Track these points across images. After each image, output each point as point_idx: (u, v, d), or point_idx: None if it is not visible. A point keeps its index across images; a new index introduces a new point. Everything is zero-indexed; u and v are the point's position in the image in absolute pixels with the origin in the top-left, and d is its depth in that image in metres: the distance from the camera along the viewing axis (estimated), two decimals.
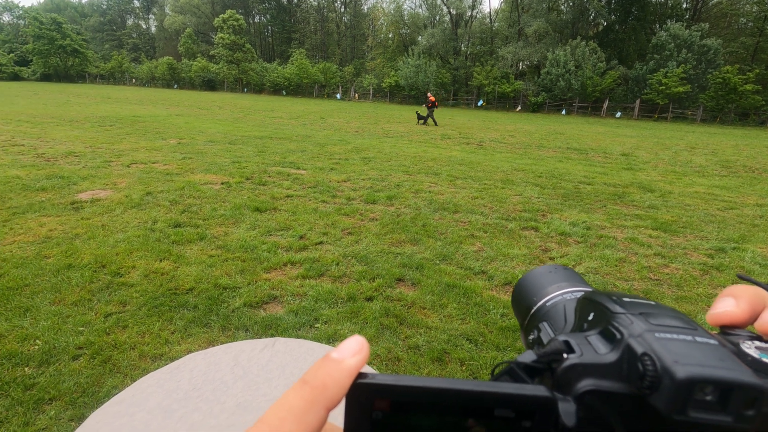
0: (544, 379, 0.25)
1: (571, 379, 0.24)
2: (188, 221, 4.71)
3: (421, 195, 6.29)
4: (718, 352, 0.22)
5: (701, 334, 0.23)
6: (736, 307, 0.26)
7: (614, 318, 0.26)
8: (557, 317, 0.35)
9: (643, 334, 0.23)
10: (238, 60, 50.45)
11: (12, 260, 3.57)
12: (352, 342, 0.23)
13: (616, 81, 36.89)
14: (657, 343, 0.22)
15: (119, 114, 16.63)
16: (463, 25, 47.29)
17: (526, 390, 0.22)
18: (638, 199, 6.70)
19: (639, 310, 0.26)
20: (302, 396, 0.21)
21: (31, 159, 7.61)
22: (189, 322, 2.81)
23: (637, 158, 11.28)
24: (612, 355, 0.24)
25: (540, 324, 0.36)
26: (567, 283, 0.39)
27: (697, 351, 0.22)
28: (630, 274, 3.93)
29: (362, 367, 0.22)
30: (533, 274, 0.42)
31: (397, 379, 0.22)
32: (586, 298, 0.31)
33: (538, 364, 0.26)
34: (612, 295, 0.29)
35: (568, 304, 0.36)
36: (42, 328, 2.67)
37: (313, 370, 0.22)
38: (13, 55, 62.83)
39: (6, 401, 2.08)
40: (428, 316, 3.05)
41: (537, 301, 0.38)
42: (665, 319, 0.25)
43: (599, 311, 0.28)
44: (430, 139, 13.38)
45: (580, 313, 0.31)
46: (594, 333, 0.26)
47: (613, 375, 0.23)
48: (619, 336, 0.24)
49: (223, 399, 1.20)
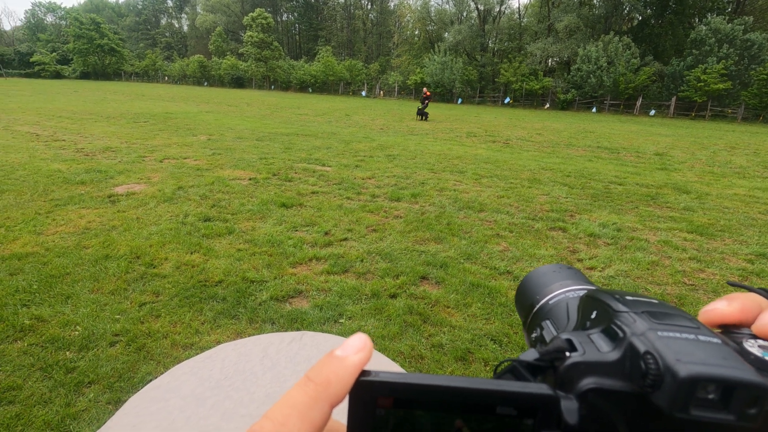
0: (547, 377, 0.26)
1: (573, 377, 0.24)
2: (217, 215, 4.84)
3: (445, 193, 6.25)
4: (721, 351, 0.22)
5: (704, 333, 0.23)
6: (728, 306, 0.27)
7: (617, 316, 0.25)
8: (560, 315, 0.35)
9: (646, 332, 0.23)
10: (266, 58, 51.30)
11: (54, 250, 3.77)
12: (355, 339, 0.23)
13: (650, 78, 35.50)
14: (659, 341, 0.22)
15: (152, 111, 17.21)
16: (490, 21, 46.52)
17: (528, 388, 0.22)
18: (673, 200, 6.45)
19: (642, 309, 0.26)
20: (306, 392, 0.21)
21: (71, 153, 7.98)
22: (218, 314, 2.90)
23: (672, 158, 10.85)
24: (614, 353, 0.24)
25: (542, 322, 0.36)
26: (570, 281, 0.39)
27: (699, 349, 0.22)
28: (663, 278, 3.80)
29: (366, 365, 0.22)
30: (537, 272, 0.42)
31: (399, 377, 0.22)
32: (589, 296, 0.31)
33: (541, 363, 0.26)
34: (615, 293, 0.28)
35: (570, 302, 0.35)
36: (81, 314, 2.80)
37: (317, 368, 0.22)
38: (55, 54, 65.85)
39: (49, 383, 2.20)
40: (452, 315, 3.04)
41: (540, 299, 0.38)
42: (668, 317, 0.25)
43: (602, 309, 0.28)
44: (456, 137, 13.25)
45: (582, 311, 0.31)
46: (596, 331, 0.26)
47: (615, 373, 0.23)
48: (622, 334, 0.24)
49: (252, 389, 1.23)
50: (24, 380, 2.21)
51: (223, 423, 1.11)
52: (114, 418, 1.13)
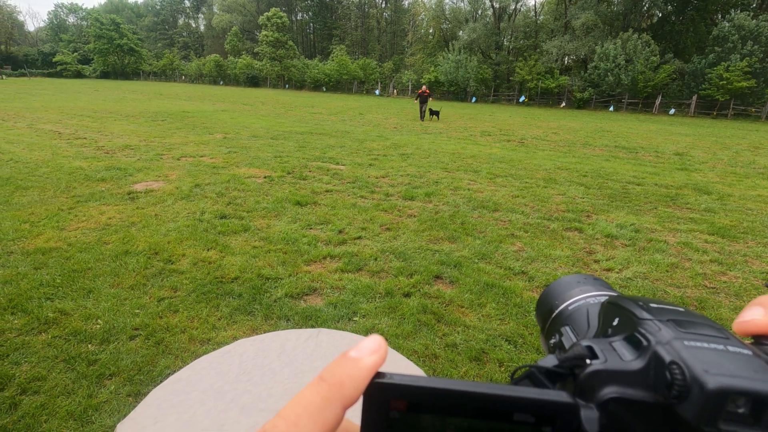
0: (566, 384, 0.25)
1: (594, 385, 0.23)
2: (233, 213, 4.90)
3: (459, 192, 6.22)
4: (752, 363, 0.21)
5: (734, 344, 0.22)
6: (765, 316, 0.25)
7: (641, 324, 0.25)
8: (580, 321, 0.34)
9: (672, 341, 0.22)
10: (280, 57, 51.68)
11: (77, 245, 3.86)
12: (370, 341, 0.23)
13: (670, 76, 34.68)
14: (686, 351, 0.21)
15: (170, 110, 17.50)
16: (506, 19, 45.98)
17: (547, 395, 0.22)
18: (693, 201, 6.31)
19: (667, 317, 0.25)
20: (319, 393, 0.21)
21: (92, 151, 8.17)
22: (234, 310, 2.94)
23: (692, 158, 10.60)
24: (638, 362, 0.23)
25: (562, 328, 0.35)
26: (591, 287, 0.38)
27: (729, 361, 0.21)
28: (683, 280, 3.72)
29: (380, 367, 0.22)
30: (560, 281, 0.41)
31: (414, 380, 0.22)
32: (611, 302, 0.30)
33: (560, 369, 0.25)
34: (638, 300, 0.28)
35: (591, 308, 0.35)
36: (103, 308, 2.87)
37: (330, 368, 0.22)
38: (76, 54, 67.48)
39: (72, 374, 2.27)
40: (466, 314, 3.03)
41: (559, 304, 0.37)
42: (695, 326, 0.24)
43: (625, 316, 0.27)
44: (470, 136, 13.17)
45: (604, 317, 0.30)
46: (619, 339, 0.26)
47: (638, 383, 0.23)
48: (646, 343, 0.23)
49: (270, 384, 1.25)
50: (48, 371, 2.28)
51: (242, 417, 1.13)
52: (137, 410, 1.16)
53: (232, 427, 1.08)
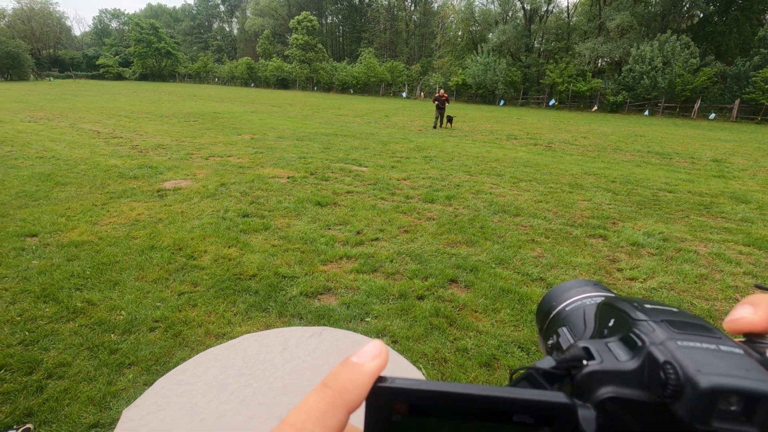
0: (564, 385, 0.25)
1: (591, 385, 0.24)
2: (255, 212, 5.02)
3: (481, 196, 6.15)
4: (744, 362, 0.21)
5: (726, 343, 0.23)
6: (754, 314, 0.25)
7: (635, 325, 0.25)
8: (577, 322, 0.34)
9: (666, 341, 0.23)
10: (310, 59, 52.51)
11: (107, 239, 4.05)
12: (371, 347, 0.23)
13: (711, 79, 33.13)
14: (679, 351, 0.22)
15: (202, 110, 18.08)
16: (537, 21, 45.13)
17: (545, 396, 0.22)
18: (729, 210, 6.01)
19: (661, 317, 0.25)
20: (323, 398, 0.21)
21: (127, 150, 8.54)
22: (250, 306, 3.01)
23: (731, 165, 10.09)
24: (633, 362, 0.23)
25: (559, 329, 0.35)
26: (589, 288, 0.38)
27: (721, 360, 0.21)
28: (712, 293, 3.55)
29: (382, 371, 0.22)
30: (560, 285, 0.41)
31: (415, 383, 0.22)
32: (607, 303, 0.30)
33: (558, 371, 0.26)
34: (633, 300, 0.28)
35: (588, 309, 0.35)
36: (126, 300, 3.00)
37: (333, 374, 0.22)
38: (118, 57, 70.78)
39: (95, 362, 2.38)
40: (479, 319, 2.99)
41: (556, 305, 0.38)
42: (689, 327, 0.24)
43: (620, 317, 0.27)
44: (495, 139, 12.99)
45: (600, 318, 0.31)
46: (614, 340, 0.26)
47: (634, 383, 0.23)
48: (641, 343, 0.24)
49: (271, 379, 1.28)
50: (73, 358, 2.40)
51: (242, 409, 1.16)
52: (143, 397, 1.21)
53: (231, 419, 1.11)
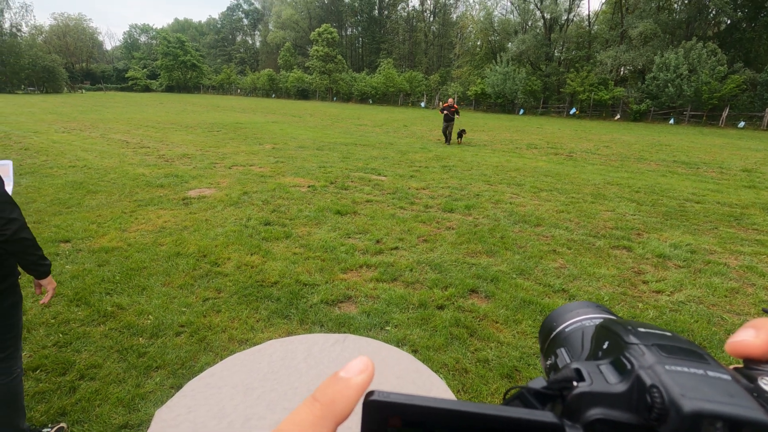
0: (555, 405, 0.26)
1: (580, 407, 0.24)
2: (277, 220, 5.10)
3: (501, 206, 6.11)
4: (729, 387, 0.22)
5: (714, 368, 0.23)
6: (755, 338, 0.26)
7: (627, 348, 0.26)
8: (575, 343, 0.35)
9: (654, 365, 0.23)
10: (329, 70, 53.37)
11: (135, 245, 4.19)
12: (357, 362, 0.24)
13: (740, 86, 32.14)
14: (666, 375, 0.23)
15: (225, 121, 18.54)
16: (557, 30, 44.78)
17: (534, 415, 0.23)
18: (761, 221, 5.80)
19: (652, 341, 0.26)
20: (312, 411, 0.22)
21: (154, 159, 8.82)
22: (272, 313, 3.06)
23: (762, 175, 9.74)
24: (622, 385, 0.24)
25: (558, 349, 0.36)
26: (591, 309, 0.39)
27: (707, 385, 0.22)
28: (743, 307, 3.43)
29: (368, 385, 0.24)
30: (564, 306, 0.42)
31: (410, 399, 0.23)
32: (603, 326, 0.31)
33: (549, 391, 0.27)
34: (628, 324, 0.29)
35: (586, 331, 0.35)
36: (154, 305, 3.09)
37: (322, 388, 0.23)
38: (146, 70, 73.61)
39: (124, 364, 2.46)
40: (500, 330, 2.96)
41: (557, 326, 0.39)
42: (679, 351, 0.25)
43: (613, 340, 0.28)
44: (515, 148, 12.89)
45: (596, 341, 0.31)
46: (606, 362, 0.27)
47: (622, 405, 0.24)
48: (630, 366, 0.24)
49: (296, 384, 1.31)
50: (104, 360, 2.49)
51: (268, 413, 1.19)
52: (174, 399, 1.25)
53: (257, 422, 1.14)
